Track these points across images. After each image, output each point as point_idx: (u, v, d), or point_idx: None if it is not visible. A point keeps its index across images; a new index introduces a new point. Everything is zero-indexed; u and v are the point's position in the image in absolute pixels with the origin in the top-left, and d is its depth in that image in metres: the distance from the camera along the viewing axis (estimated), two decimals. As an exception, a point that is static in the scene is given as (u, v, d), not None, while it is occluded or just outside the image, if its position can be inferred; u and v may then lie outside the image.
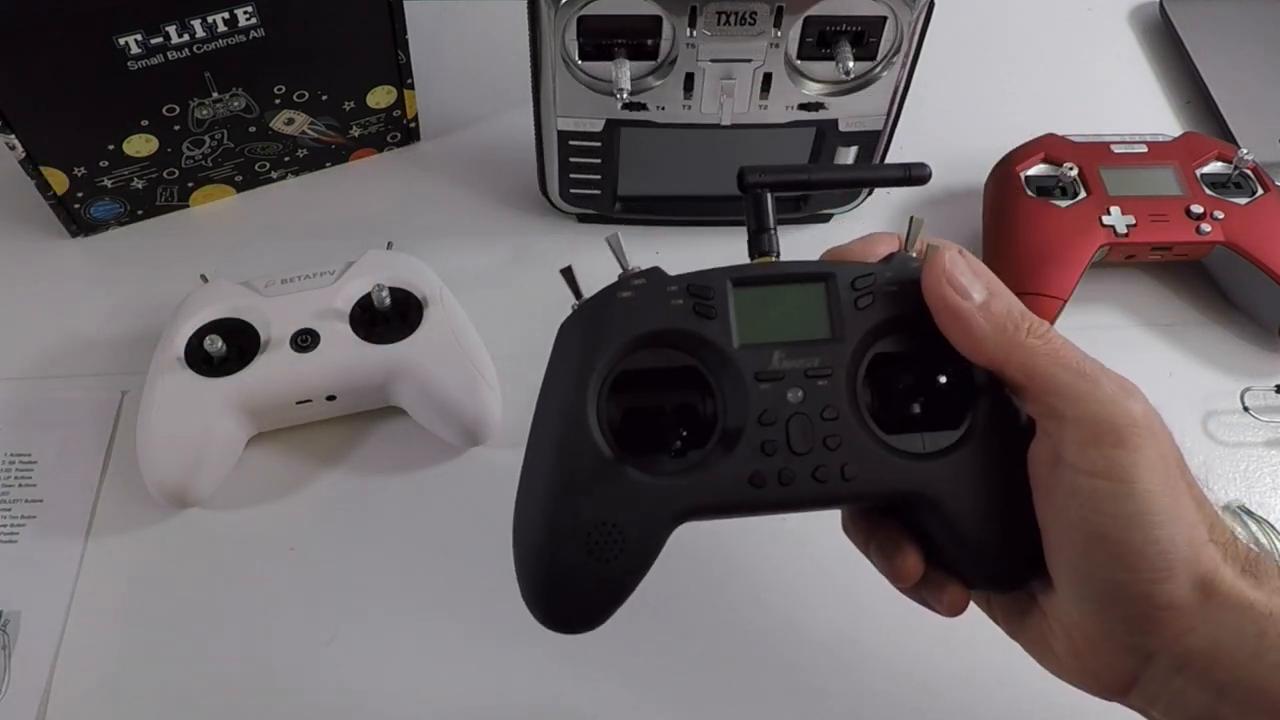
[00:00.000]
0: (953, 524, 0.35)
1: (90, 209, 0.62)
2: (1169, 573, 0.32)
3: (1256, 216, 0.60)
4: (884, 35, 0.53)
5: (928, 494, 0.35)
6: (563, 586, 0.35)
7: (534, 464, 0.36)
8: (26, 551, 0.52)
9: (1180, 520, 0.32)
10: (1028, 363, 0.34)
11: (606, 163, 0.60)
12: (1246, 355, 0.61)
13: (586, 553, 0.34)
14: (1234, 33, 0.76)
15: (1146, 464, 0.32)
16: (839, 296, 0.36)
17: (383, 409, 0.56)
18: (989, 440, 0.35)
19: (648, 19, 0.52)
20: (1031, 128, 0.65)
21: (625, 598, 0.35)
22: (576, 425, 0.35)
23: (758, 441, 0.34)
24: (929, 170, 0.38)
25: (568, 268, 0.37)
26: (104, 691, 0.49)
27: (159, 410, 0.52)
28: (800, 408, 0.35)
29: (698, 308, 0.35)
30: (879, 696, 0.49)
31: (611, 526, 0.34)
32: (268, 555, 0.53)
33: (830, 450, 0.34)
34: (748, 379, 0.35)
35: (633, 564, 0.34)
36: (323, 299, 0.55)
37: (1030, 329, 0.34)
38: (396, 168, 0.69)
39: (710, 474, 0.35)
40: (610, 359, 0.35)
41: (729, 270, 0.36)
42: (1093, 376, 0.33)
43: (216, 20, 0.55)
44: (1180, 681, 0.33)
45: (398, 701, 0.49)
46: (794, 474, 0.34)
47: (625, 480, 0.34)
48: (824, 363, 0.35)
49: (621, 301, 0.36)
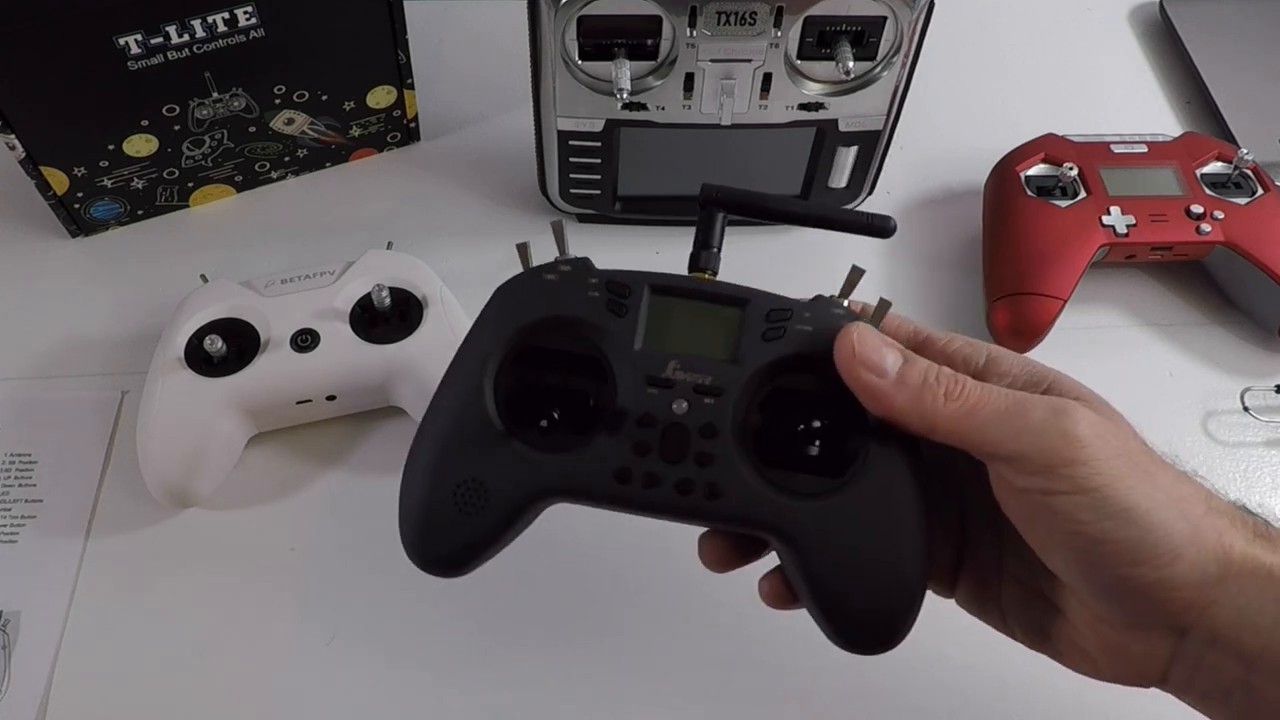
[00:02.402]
0: (811, 570, 0.35)
1: (90, 209, 0.62)
2: (1176, 554, 0.32)
3: (1256, 216, 0.60)
4: (884, 35, 0.53)
5: (788, 532, 0.35)
6: (429, 530, 0.37)
7: (430, 417, 0.37)
8: (26, 551, 0.52)
9: (1167, 502, 0.32)
10: (952, 427, 0.34)
11: (606, 163, 0.60)
12: (1246, 355, 0.61)
13: (453, 504, 0.36)
14: (1234, 33, 0.76)
15: (1107, 468, 0.32)
16: (749, 324, 0.36)
17: (383, 409, 0.56)
18: (869, 493, 0.35)
19: (648, 19, 0.52)
20: (1031, 128, 0.65)
21: (483, 553, 0.37)
22: (472, 390, 0.37)
23: (632, 440, 0.35)
24: (893, 223, 0.38)
25: (523, 243, 0.39)
26: (104, 691, 0.49)
27: (159, 410, 0.52)
28: (682, 419, 0.35)
29: (611, 304, 0.37)
30: (879, 695, 0.49)
31: (478, 484, 0.36)
32: (268, 555, 0.53)
33: (700, 467, 0.35)
34: (639, 380, 0.36)
35: (492, 523, 0.36)
36: (323, 299, 0.55)
37: (946, 392, 0.34)
38: (396, 168, 0.69)
39: (579, 459, 0.36)
40: (517, 333, 0.37)
41: (653, 275, 0.37)
42: (1019, 411, 0.33)
43: (216, 20, 0.55)
44: (1213, 656, 0.33)
45: (397, 701, 0.49)
46: (659, 479, 0.35)
47: (500, 446, 0.36)
48: (716, 383, 0.36)
49: (544, 283, 0.37)
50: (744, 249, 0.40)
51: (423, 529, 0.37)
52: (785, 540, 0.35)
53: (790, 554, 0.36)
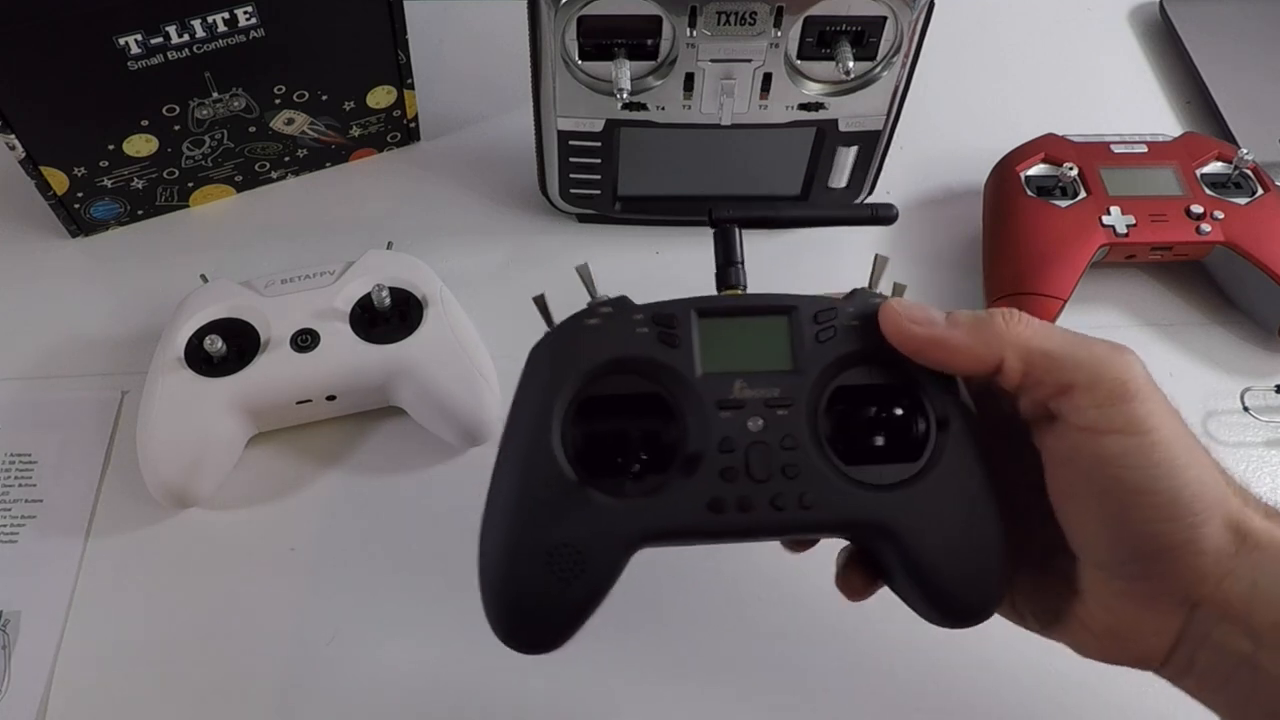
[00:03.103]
0: (910, 556, 0.35)
1: (90, 209, 0.62)
2: (1207, 514, 0.32)
3: (1256, 216, 0.60)
4: (884, 35, 0.53)
5: (887, 525, 0.35)
6: (523, 607, 0.35)
7: (499, 485, 0.36)
8: (26, 551, 0.52)
9: (1204, 464, 0.33)
10: (1022, 349, 0.34)
11: (606, 163, 0.60)
12: (1246, 355, 0.61)
13: (547, 573, 0.34)
14: (1234, 33, 0.75)
15: (1160, 413, 0.33)
16: (801, 329, 0.36)
17: (383, 409, 0.56)
18: (948, 473, 0.36)
19: (648, 19, 0.52)
20: (1031, 128, 0.65)
21: (585, 619, 0.35)
22: (540, 448, 0.35)
23: (718, 468, 0.35)
24: (895, 211, 0.39)
25: (540, 296, 0.38)
26: (104, 691, 0.49)
27: (159, 410, 0.52)
28: (760, 436, 0.35)
29: (662, 336, 0.36)
30: (881, 694, 0.49)
31: (571, 548, 0.34)
32: (268, 555, 0.53)
33: (789, 479, 0.35)
34: (709, 407, 0.35)
35: (592, 586, 0.35)
36: (323, 299, 0.55)
37: (1007, 319, 0.35)
38: (396, 168, 0.69)
39: (670, 498, 0.35)
40: (575, 384, 0.36)
41: (694, 300, 0.37)
42: (1085, 343, 0.34)
43: (216, 20, 0.55)
44: (1220, 632, 0.33)
45: (397, 701, 0.49)
46: (753, 501, 0.35)
47: (586, 502, 0.35)
48: (784, 393, 0.36)
49: (588, 328, 0.36)
50: (755, 248, 0.40)
51: (519, 609, 0.35)
52: (884, 534, 0.35)
53: (888, 545, 0.36)
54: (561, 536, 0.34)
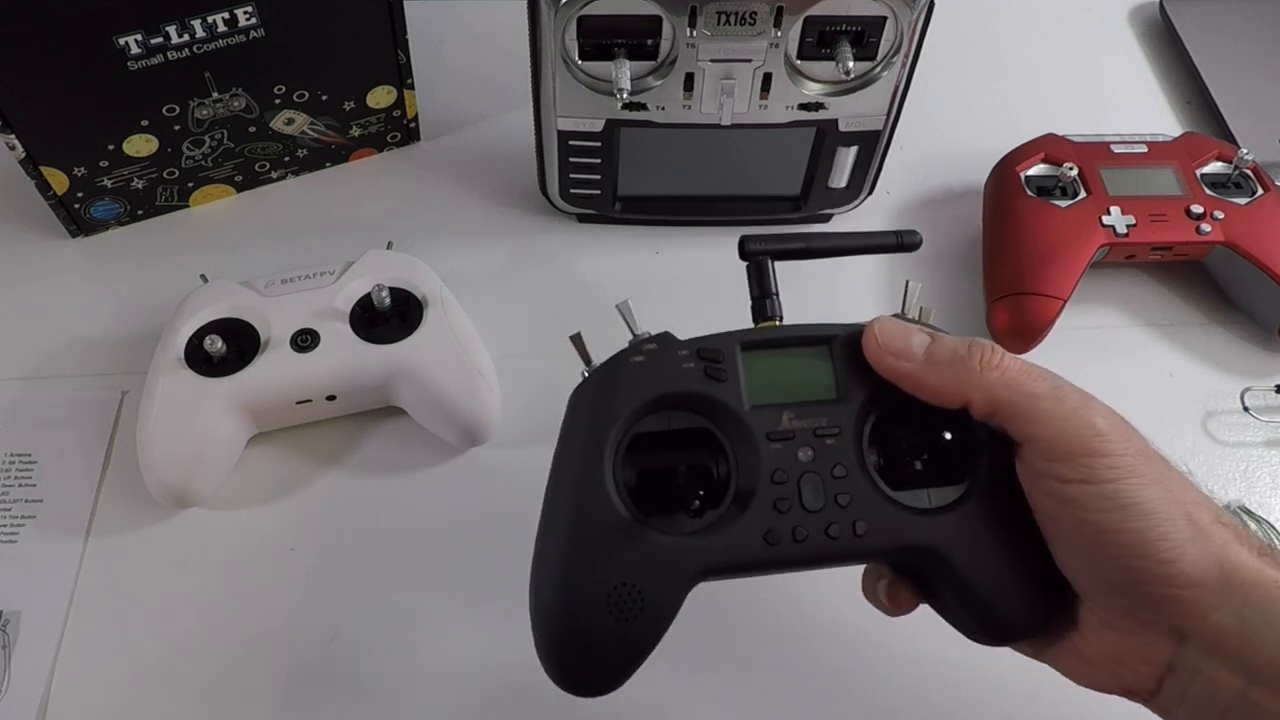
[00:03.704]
0: (962, 578, 0.36)
1: (90, 209, 0.62)
2: (1178, 550, 0.32)
3: (1256, 216, 0.60)
4: (884, 35, 0.53)
5: (938, 549, 0.36)
6: (582, 648, 0.35)
7: (551, 527, 0.36)
8: (26, 551, 0.52)
9: (1172, 504, 0.33)
10: (988, 394, 0.35)
11: (606, 163, 0.60)
12: (1246, 355, 0.61)
13: (607, 614, 0.34)
14: (1234, 33, 0.75)
15: (1123, 464, 0.33)
16: (842, 359, 0.37)
17: (383, 409, 0.56)
18: (992, 493, 0.36)
19: (648, 19, 0.52)
20: (1031, 128, 0.65)
21: (644, 658, 0.35)
22: (594, 488, 0.35)
23: (771, 499, 0.35)
24: (919, 238, 0.40)
25: (577, 334, 0.38)
26: (104, 691, 0.49)
27: (159, 410, 0.52)
28: (811, 466, 0.35)
29: (709, 370, 0.36)
30: (892, 694, 0.49)
31: (631, 588, 0.34)
32: (268, 555, 0.53)
33: (841, 508, 0.35)
34: (759, 439, 0.36)
35: (652, 624, 0.35)
36: (323, 299, 0.55)
37: (983, 360, 0.35)
38: (396, 168, 0.69)
39: (726, 533, 0.35)
40: (625, 422, 0.36)
41: (737, 334, 0.37)
42: (1053, 395, 0.34)
43: (216, 20, 0.55)
44: (1212, 666, 0.33)
45: (397, 701, 0.49)
46: (807, 531, 0.35)
47: (643, 541, 0.35)
48: (831, 422, 0.36)
49: (634, 366, 0.36)
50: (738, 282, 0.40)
51: (578, 651, 0.35)
52: (935, 558, 0.36)
53: (939, 569, 0.36)
54: (621, 576, 0.34)
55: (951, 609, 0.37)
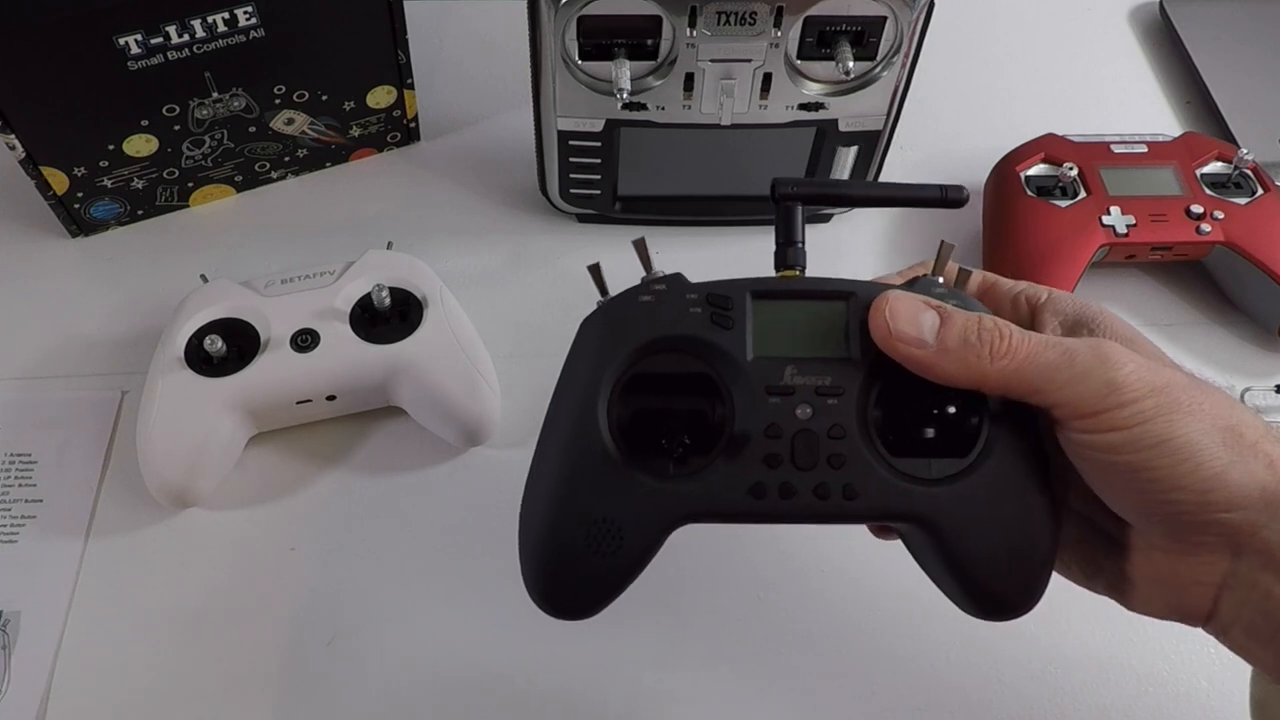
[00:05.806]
0: (951, 551, 0.35)
1: (90, 209, 0.62)
2: (1216, 480, 0.33)
3: (1256, 216, 0.60)
4: (884, 35, 0.53)
5: (928, 519, 0.35)
6: (561, 575, 0.36)
7: (544, 456, 0.36)
8: (26, 551, 0.52)
9: (1207, 431, 0.33)
10: (1001, 382, 0.34)
11: (606, 163, 0.60)
12: (1246, 355, 0.61)
13: (585, 546, 0.35)
14: (1234, 33, 0.75)
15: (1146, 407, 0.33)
16: (858, 316, 0.36)
17: (383, 409, 0.56)
18: (998, 469, 0.35)
19: (648, 19, 0.52)
20: (1031, 128, 0.65)
21: (620, 591, 0.35)
22: (586, 423, 0.35)
23: (762, 453, 0.35)
24: (966, 194, 0.38)
25: (595, 264, 0.38)
26: (104, 691, 0.49)
27: (159, 410, 0.52)
28: (808, 424, 0.35)
29: (715, 317, 0.36)
30: (891, 688, 0.49)
31: (611, 523, 0.35)
32: (268, 555, 0.53)
33: (834, 469, 0.35)
34: (758, 391, 0.35)
35: (629, 561, 0.35)
36: (323, 299, 0.55)
37: (992, 350, 0.34)
38: (396, 168, 0.69)
39: (712, 481, 0.35)
40: (624, 361, 0.36)
41: (750, 282, 0.36)
42: (1064, 361, 0.34)
43: (216, 20, 0.55)
44: (1269, 580, 0.33)
45: (397, 701, 0.49)
46: (795, 489, 0.35)
47: (628, 480, 0.35)
48: (836, 382, 0.35)
49: (641, 305, 0.36)
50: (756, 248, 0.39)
51: (553, 575, 0.36)
52: (926, 528, 0.35)
53: (929, 538, 0.35)
54: (602, 512, 0.35)
55: (942, 579, 0.37)
